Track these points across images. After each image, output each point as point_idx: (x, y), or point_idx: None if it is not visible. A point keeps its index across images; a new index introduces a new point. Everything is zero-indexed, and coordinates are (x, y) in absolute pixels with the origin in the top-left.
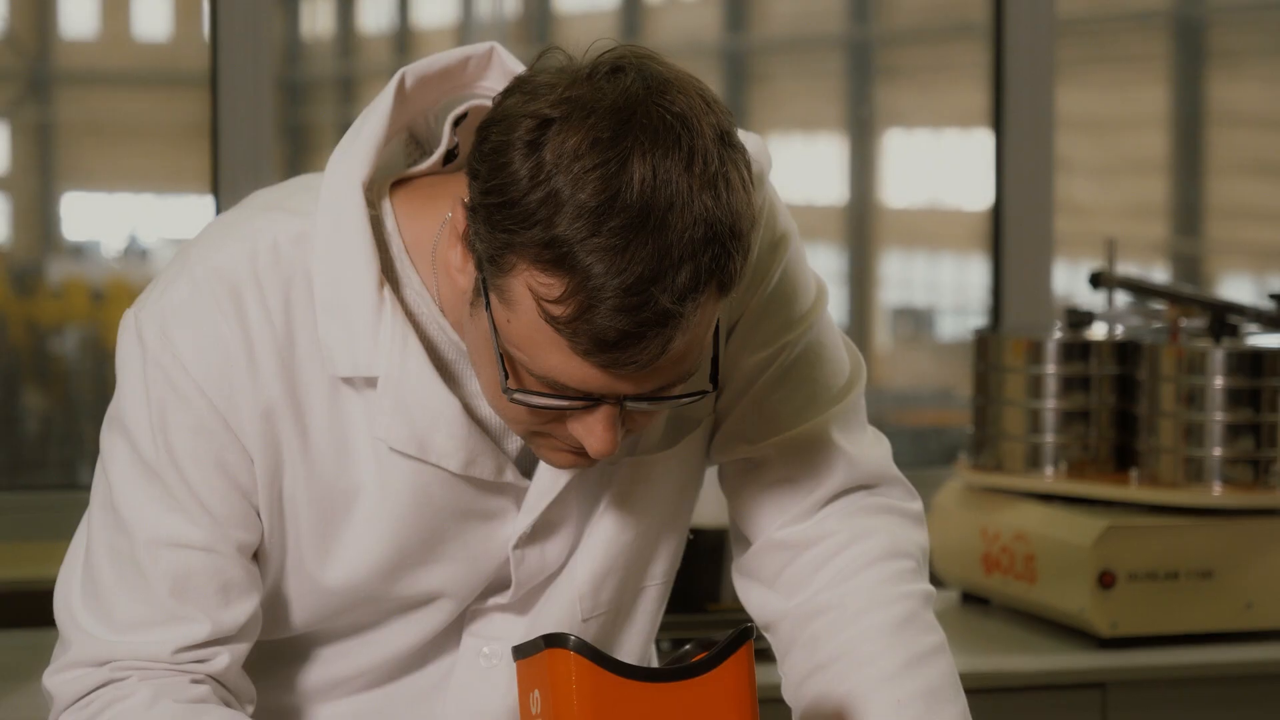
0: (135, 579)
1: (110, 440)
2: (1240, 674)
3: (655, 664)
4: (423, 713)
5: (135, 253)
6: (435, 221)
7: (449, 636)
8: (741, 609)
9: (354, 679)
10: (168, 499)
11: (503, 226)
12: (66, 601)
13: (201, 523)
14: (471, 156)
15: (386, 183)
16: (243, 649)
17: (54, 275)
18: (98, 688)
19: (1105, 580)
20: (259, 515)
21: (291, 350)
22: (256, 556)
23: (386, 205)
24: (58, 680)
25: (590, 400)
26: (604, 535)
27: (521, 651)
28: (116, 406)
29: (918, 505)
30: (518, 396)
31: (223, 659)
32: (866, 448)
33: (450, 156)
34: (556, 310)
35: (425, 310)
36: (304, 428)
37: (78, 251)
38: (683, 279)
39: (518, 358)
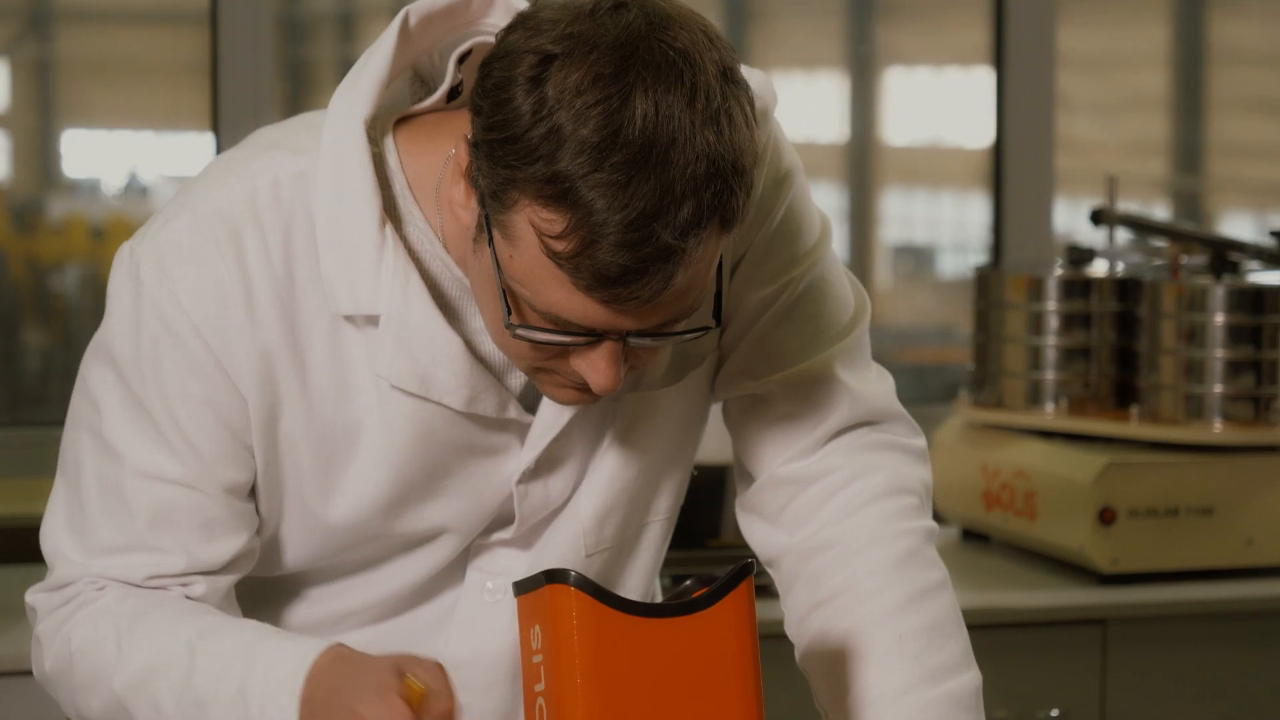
0: (118, 507)
1: (99, 371)
2: (1240, 610)
3: (659, 599)
4: (426, 647)
5: (135, 190)
6: (438, 158)
7: (453, 572)
8: (742, 545)
9: (358, 614)
10: (155, 434)
11: (505, 162)
12: (52, 531)
13: (187, 460)
14: (474, 92)
15: (390, 120)
16: (223, 581)
17: (54, 212)
18: (69, 601)
19: (1105, 517)
20: (252, 455)
21: (291, 290)
22: (254, 495)
23: (389, 142)
24: (40, 597)
25: (593, 336)
26: (608, 471)
27: (522, 587)
28: (105, 337)
29: (921, 442)
30: (520, 332)
31: (198, 587)
32: (870, 384)
33: (454, 94)
34: (559, 246)
35: (428, 247)
36: (303, 367)
37: (77, 189)
38: (685, 214)
39: (520, 293)
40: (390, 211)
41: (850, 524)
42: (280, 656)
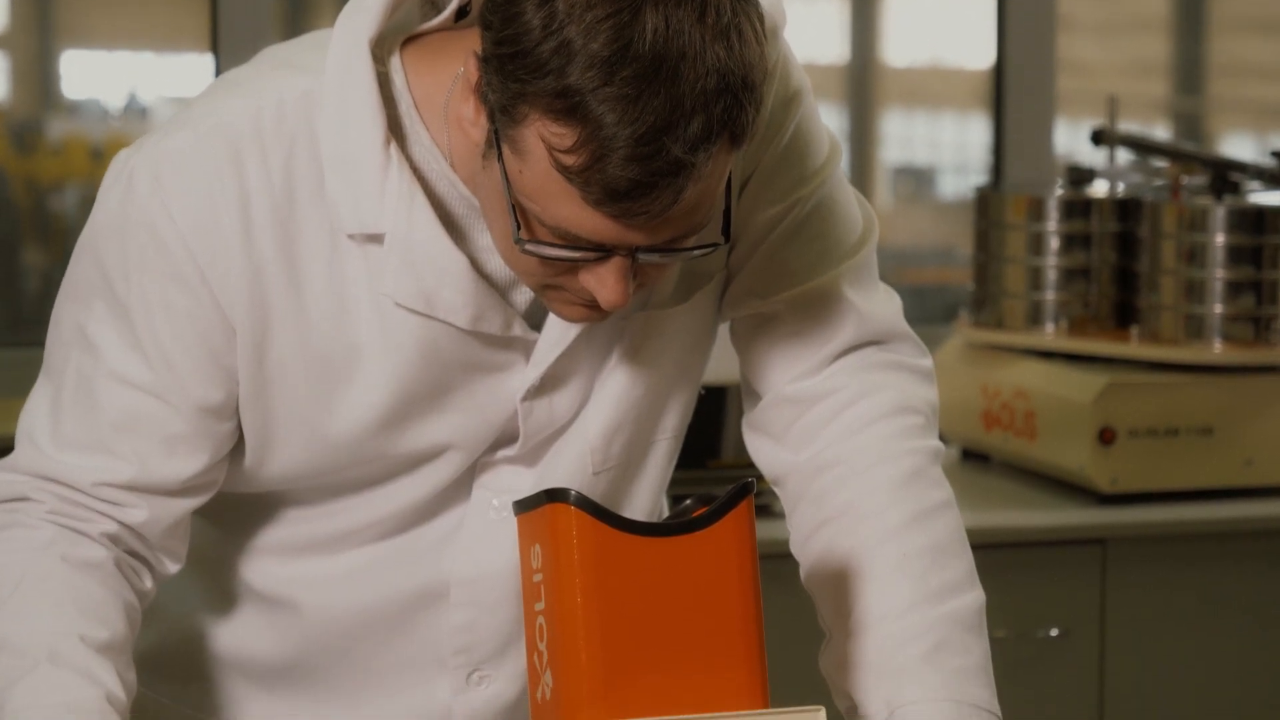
0: (89, 403)
1: (86, 270)
2: (1239, 530)
3: (665, 517)
4: (431, 565)
5: (135, 111)
6: (446, 77)
7: (459, 489)
8: (742, 465)
9: (363, 531)
10: (132, 338)
11: (515, 77)
12: (31, 410)
13: (159, 370)
14: (484, 7)
15: (397, 40)
16: (173, 507)
17: (53, 133)
18: (16, 499)
19: (1105, 437)
20: (230, 376)
21: (290, 209)
22: (234, 417)
23: (395, 61)
24: None
25: (602, 251)
26: (615, 389)
27: (523, 506)
28: (92, 235)
29: (928, 362)
30: (529, 248)
31: (140, 511)
32: (877, 304)
33: (463, 13)
34: (568, 160)
35: (434, 166)
36: (298, 287)
37: (77, 110)
38: (694, 129)
39: (530, 209)
40: (395, 131)
41: (855, 443)
42: None
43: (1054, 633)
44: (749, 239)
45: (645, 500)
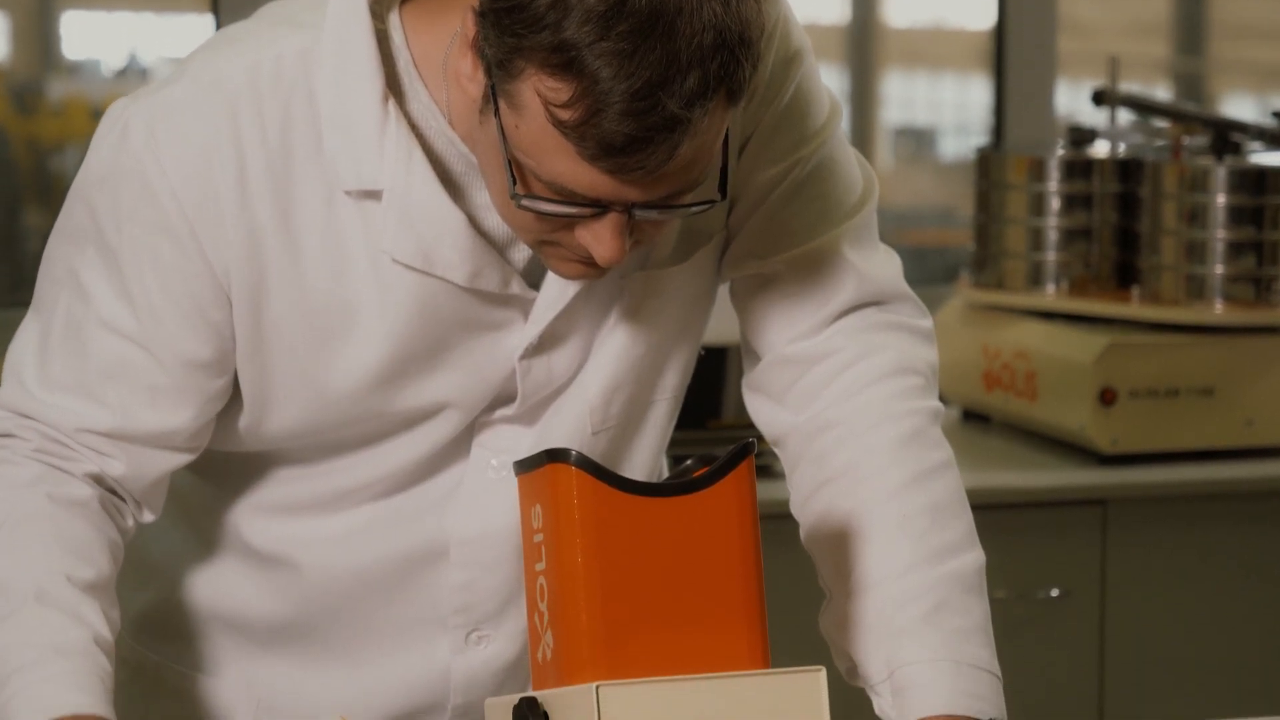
0: (77, 347)
1: (79, 215)
2: (1240, 491)
3: (664, 478)
4: (431, 524)
5: (135, 71)
6: (444, 35)
7: (458, 448)
8: (743, 425)
9: (363, 490)
10: (120, 287)
11: (511, 31)
12: (20, 347)
13: (144, 320)
14: None
15: None
16: (154, 461)
17: (54, 93)
18: (3, 435)
19: (1106, 397)
20: (218, 330)
21: (287, 166)
22: (224, 373)
23: (394, 19)
24: None
25: (598, 207)
26: (614, 349)
27: (523, 466)
28: (84, 181)
29: (927, 322)
30: (526, 203)
31: (118, 463)
32: (877, 264)
33: None
34: (564, 115)
35: (432, 123)
36: (295, 244)
37: (77, 70)
38: (690, 84)
39: (526, 164)
40: (393, 88)
41: (855, 403)
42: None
43: (1054, 593)
44: (749, 199)
45: (645, 460)
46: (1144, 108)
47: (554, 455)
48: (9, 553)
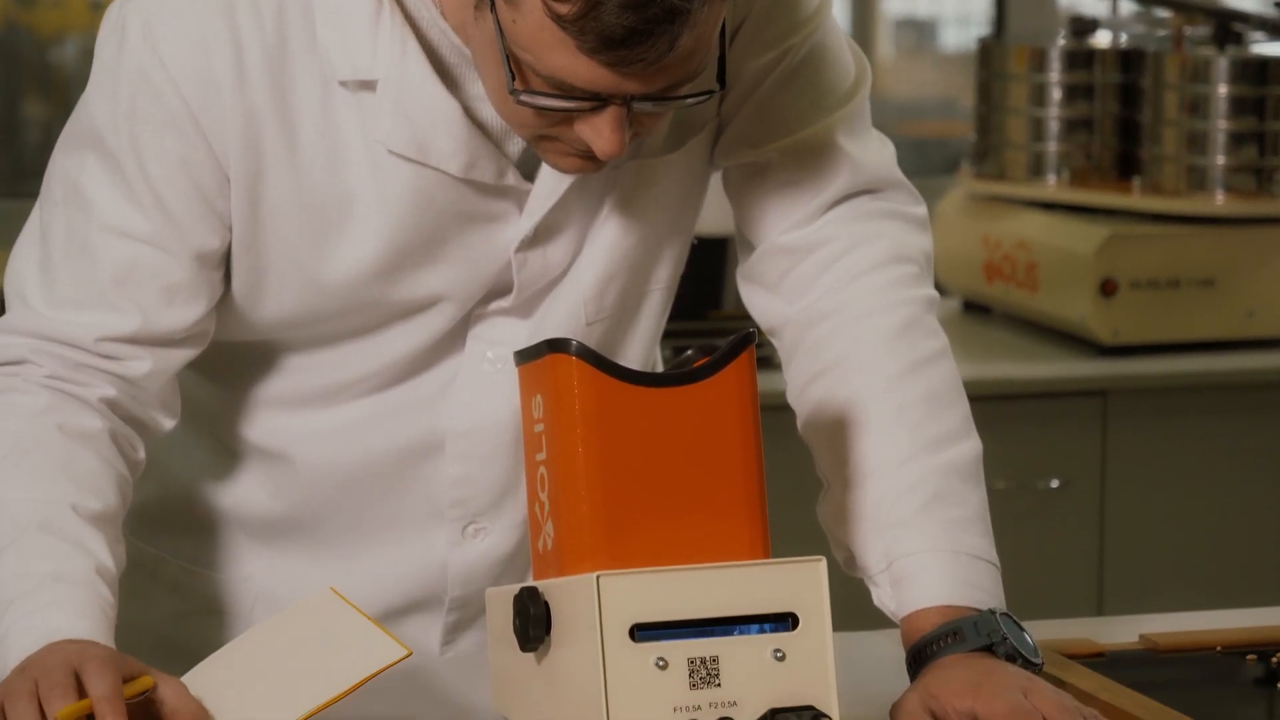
0: (83, 259)
1: (80, 126)
2: (1240, 382)
3: (660, 369)
4: (426, 418)
5: None
6: None
7: (453, 341)
8: (743, 316)
9: (358, 383)
10: (126, 189)
11: None
12: (18, 270)
13: (155, 219)
14: None
15: None
16: (174, 358)
17: None
18: (13, 363)
19: (1107, 288)
20: (223, 221)
21: (283, 56)
22: (224, 265)
23: None
24: None
25: (597, 100)
26: (607, 239)
27: (524, 356)
28: (89, 91)
29: (922, 210)
30: (524, 98)
31: (144, 363)
32: (871, 151)
33: None
34: (563, 9)
35: (425, 14)
36: (292, 134)
37: None
38: None
39: (524, 59)
40: None
41: (850, 292)
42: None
43: (1054, 484)
44: (740, 87)
45: (639, 351)
46: None
47: (554, 345)
48: (15, 481)
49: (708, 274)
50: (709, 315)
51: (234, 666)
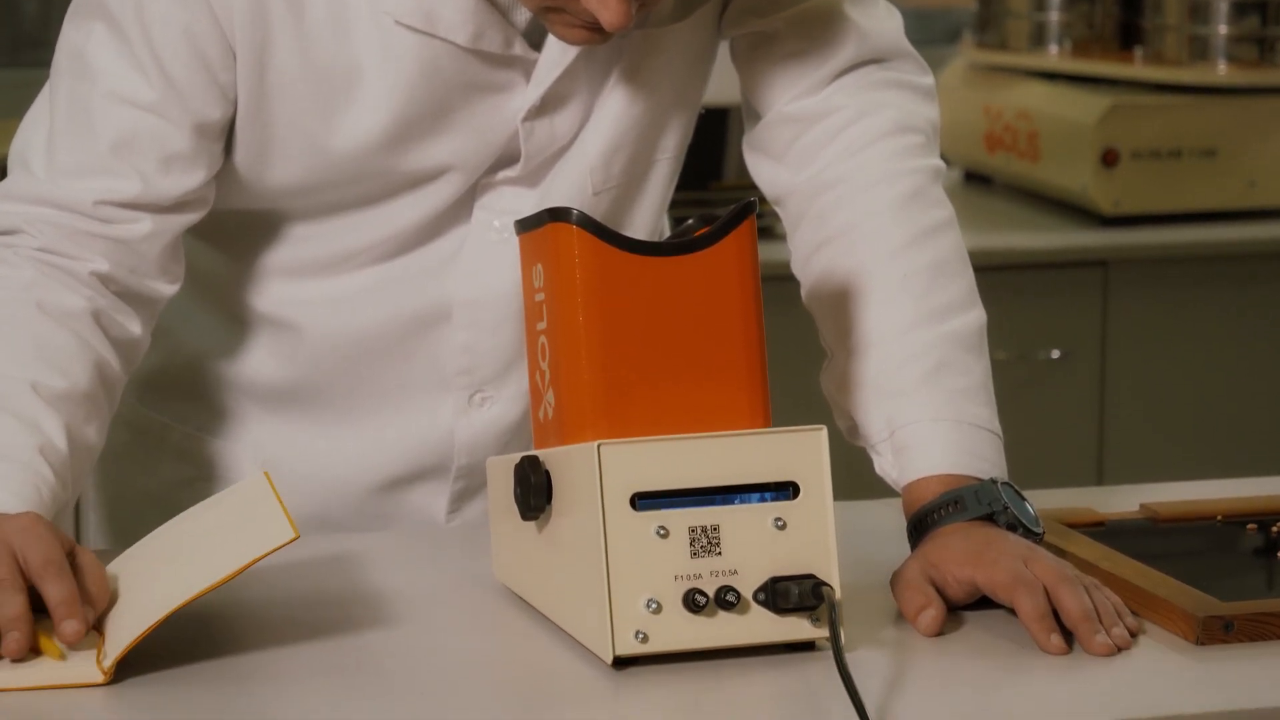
0: (84, 126)
1: (85, 3)
2: (1241, 252)
3: (666, 238)
4: (433, 286)
5: None
6: None
7: (460, 210)
8: (745, 186)
9: (365, 252)
10: (130, 57)
11: None
12: (27, 139)
13: (157, 87)
14: None
15: None
16: (173, 223)
17: None
18: (6, 232)
19: (1108, 158)
20: (226, 94)
21: None
22: (225, 136)
23: None
24: None
25: None
26: (614, 108)
27: (525, 225)
28: None
29: (929, 79)
30: None
31: (143, 225)
32: (878, 20)
33: None
34: None
35: None
36: (299, 6)
37: None
38: None
39: None
40: None
41: (856, 162)
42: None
43: (1055, 354)
44: None
45: (646, 221)
46: None
47: (555, 214)
48: None
49: (710, 144)
50: (711, 186)
51: (160, 546)
